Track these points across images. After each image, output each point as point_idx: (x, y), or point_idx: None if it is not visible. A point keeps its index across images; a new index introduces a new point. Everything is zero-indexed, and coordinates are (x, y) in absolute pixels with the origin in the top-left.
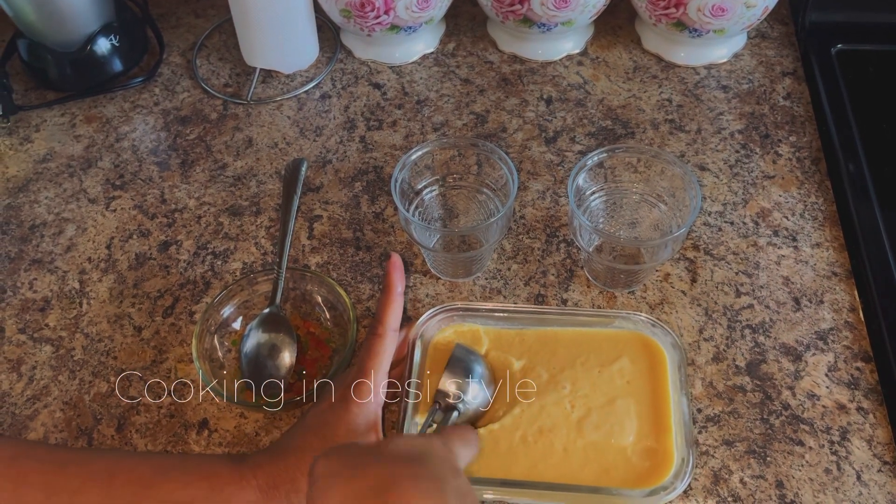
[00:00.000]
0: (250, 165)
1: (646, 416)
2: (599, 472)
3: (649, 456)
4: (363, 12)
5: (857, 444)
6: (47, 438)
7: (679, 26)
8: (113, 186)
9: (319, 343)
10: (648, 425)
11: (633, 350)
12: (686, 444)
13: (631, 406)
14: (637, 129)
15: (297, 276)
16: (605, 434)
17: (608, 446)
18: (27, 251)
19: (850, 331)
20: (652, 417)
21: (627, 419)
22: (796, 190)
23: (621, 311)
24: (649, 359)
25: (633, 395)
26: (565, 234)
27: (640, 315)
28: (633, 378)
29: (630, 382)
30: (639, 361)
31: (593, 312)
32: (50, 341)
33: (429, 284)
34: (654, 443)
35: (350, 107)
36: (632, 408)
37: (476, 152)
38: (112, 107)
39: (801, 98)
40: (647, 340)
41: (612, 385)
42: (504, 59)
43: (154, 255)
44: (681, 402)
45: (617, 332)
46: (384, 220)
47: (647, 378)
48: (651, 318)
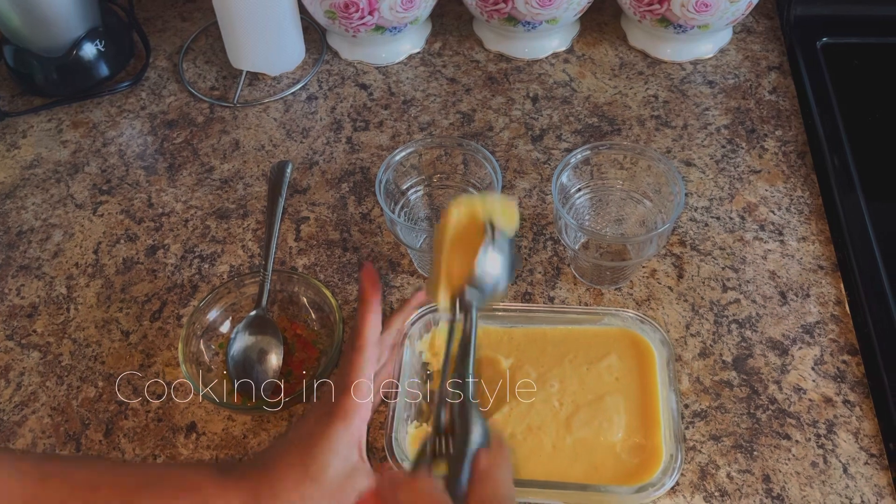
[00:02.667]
0: (237, 168)
1: (634, 413)
2: (588, 469)
3: (638, 452)
4: (347, 13)
5: (844, 436)
6: (35, 444)
7: (664, 22)
8: (100, 191)
9: (306, 345)
10: (637, 422)
11: (622, 347)
12: (675, 441)
13: (619, 403)
14: (623, 126)
15: (284, 278)
16: (594, 431)
17: (597, 443)
18: (14, 257)
19: (836, 324)
20: (640, 414)
21: (616, 416)
22: (782, 184)
23: (610, 307)
24: (638, 355)
25: (621, 391)
26: (552, 232)
27: (628, 312)
28: (622, 375)
29: (619, 379)
30: (627, 358)
31: (582, 310)
32: (37, 347)
33: (416, 285)
34: (642, 439)
35: (336, 108)
36: (620, 404)
37: (462, 151)
38: (99, 112)
39: (786, 92)
40: (635, 337)
41: (600, 382)
42: (490, 58)
43: (141, 259)
44: (669, 398)
45: (605, 329)
46: (371, 221)
47: (635, 375)
48: (639, 315)
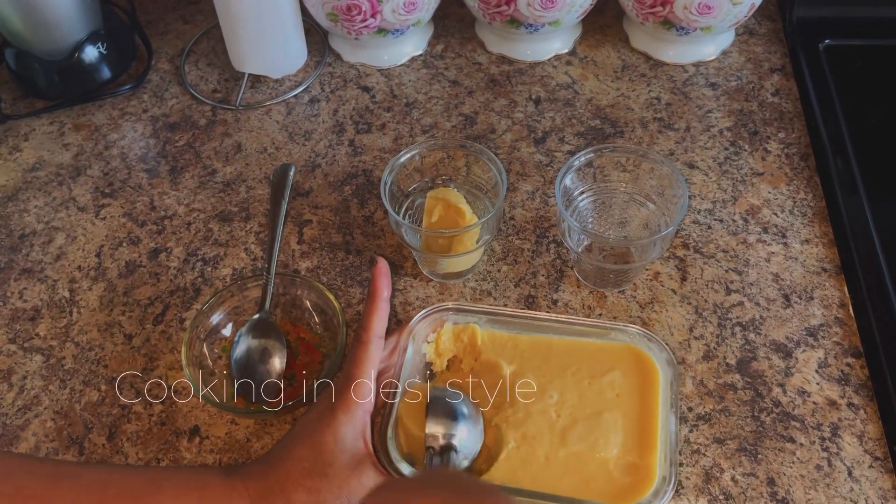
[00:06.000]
0: (239, 171)
1: (631, 432)
2: (579, 484)
3: (631, 471)
4: (350, 16)
5: (848, 440)
6: (38, 448)
7: (666, 24)
8: (102, 194)
9: (309, 348)
10: (633, 441)
11: (627, 363)
12: (669, 464)
13: (618, 420)
14: (626, 129)
15: (287, 281)
16: (589, 446)
17: (590, 458)
18: (17, 260)
19: (839, 326)
20: (638, 433)
21: (613, 433)
22: (785, 186)
23: (618, 322)
24: (642, 374)
25: (621, 408)
26: (555, 235)
27: (636, 328)
28: (624, 392)
29: (620, 396)
30: (631, 375)
31: (590, 322)
32: (40, 350)
33: (419, 287)
34: (637, 459)
35: (339, 110)
36: (618, 422)
37: (465, 154)
38: (101, 114)
39: (789, 94)
40: (641, 355)
41: (601, 397)
42: (492, 60)
43: (144, 262)
44: (669, 420)
45: (612, 343)
46: (374, 224)
47: (637, 393)
48: (647, 332)
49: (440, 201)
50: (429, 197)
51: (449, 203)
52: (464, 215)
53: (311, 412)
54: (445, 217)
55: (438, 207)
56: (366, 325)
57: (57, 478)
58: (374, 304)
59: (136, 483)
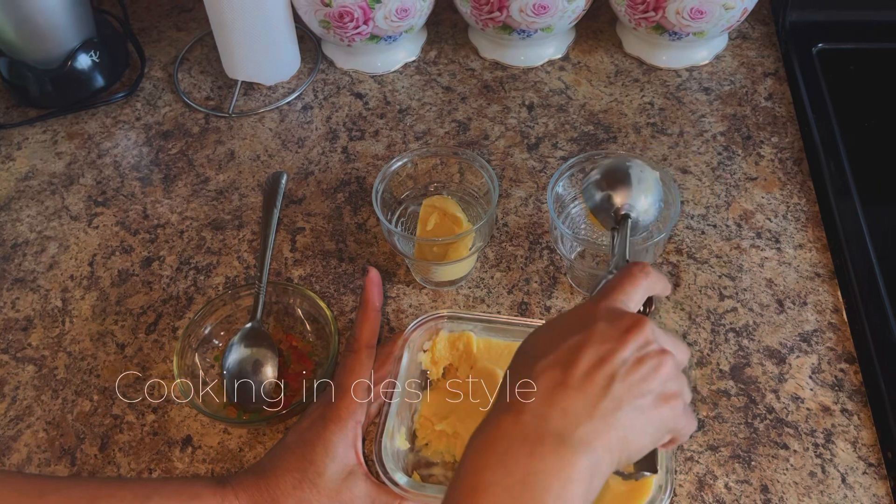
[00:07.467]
0: (232, 179)
1: None
2: None
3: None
4: (342, 23)
5: (842, 446)
6: (31, 459)
7: (659, 29)
8: (95, 203)
9: (302, 357)
10: None
11: None
12: (665, 471)
13: None
14: (619, 134)
15: (280, 289)
16: None
17: None
18: (9, 270)
19: (833, 332)
20: None
21: None
22: (779, 191)
23: None
24: None
25: None
26: (548, 241)
27: None
28: None
29: None
30: None
31: None
32: (33, 360)
33: (412, 294)
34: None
35: (332, 117)
36: None
37: (458, 161)
38: (94, 123)
39: (782, 98)
40: None
41: None
42: (486, 66)
43: (137, 271)
44: None
45: None
46: (367, 231)
47: None
48: None
49: (436, 209)
50: (424, 205)
51: (445, 211)
52: (460, 223)
53: (303, 422)
54: (441, 225)
55: (434, 215)
56: (357, 335)
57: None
58: (365, 314)
59: (126, 496)
